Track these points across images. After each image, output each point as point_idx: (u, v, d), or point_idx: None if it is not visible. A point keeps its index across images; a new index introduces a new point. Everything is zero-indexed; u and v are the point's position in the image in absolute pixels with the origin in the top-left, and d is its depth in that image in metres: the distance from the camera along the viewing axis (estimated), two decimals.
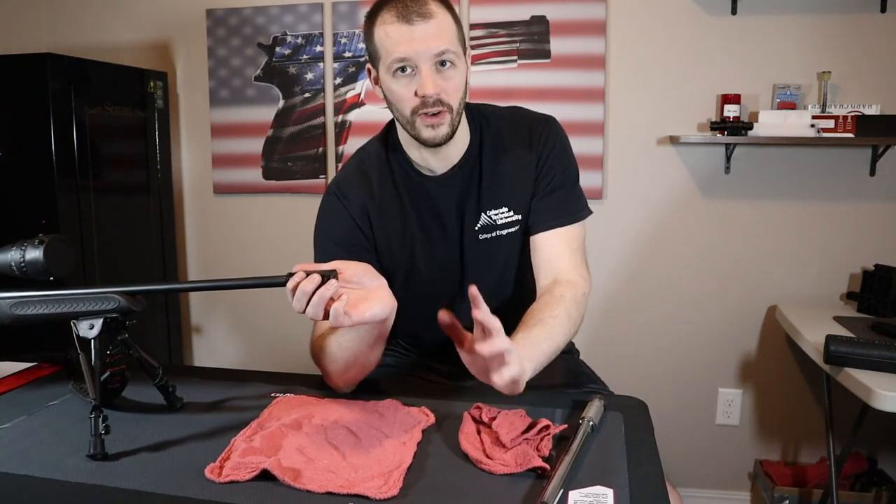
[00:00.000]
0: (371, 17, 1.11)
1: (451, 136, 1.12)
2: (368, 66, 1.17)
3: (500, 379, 0.89)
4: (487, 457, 0.89)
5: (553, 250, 1.19)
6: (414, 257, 1.23)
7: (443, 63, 1.07)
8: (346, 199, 1.22)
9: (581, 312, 1.15)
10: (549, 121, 1.25)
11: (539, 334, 1.04)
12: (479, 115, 1.24)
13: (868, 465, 2.20)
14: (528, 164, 1.21)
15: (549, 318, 1.07)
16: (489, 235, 1.22)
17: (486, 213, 1.21)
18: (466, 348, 0.90)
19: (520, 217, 1.22)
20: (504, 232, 1.22)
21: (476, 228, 1.21)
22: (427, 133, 1.11)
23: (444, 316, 0.88)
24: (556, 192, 1.21)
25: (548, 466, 0.85)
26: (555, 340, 1.06)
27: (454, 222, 1.22)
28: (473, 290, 0.87)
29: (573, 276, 1.17)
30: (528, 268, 1.26)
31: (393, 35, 1.06)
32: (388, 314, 0.98)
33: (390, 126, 1.26)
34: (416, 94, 1.08)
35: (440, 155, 1.18)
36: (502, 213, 1.21)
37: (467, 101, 1.25)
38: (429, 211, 1.22)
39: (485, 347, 0.87)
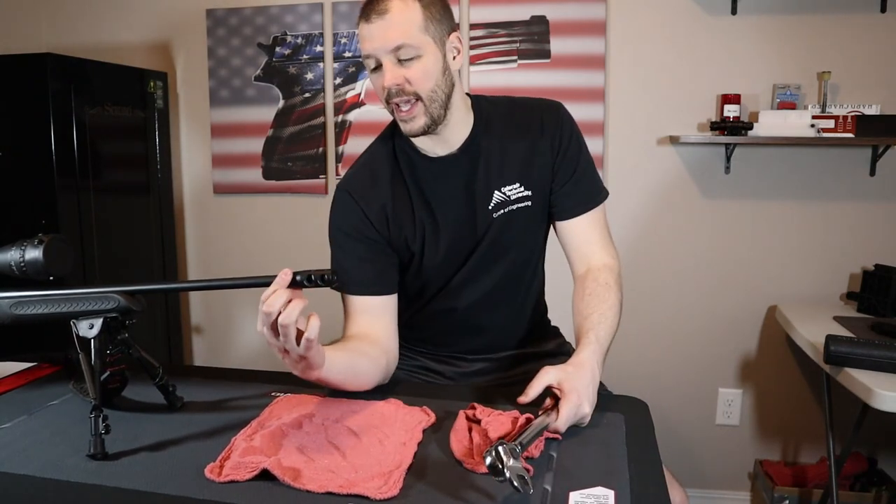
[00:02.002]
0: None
1: (432, 124, 1.15)
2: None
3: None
4: (472, 456, 0.89)
5: (583, 235, 1.26)
6: (424, 241, 1.25)
7: (404, 56, 1.10)
8: (358, 196, 1.23)
9: (622, 291, 1.23)
10: (558, 106, 1.28)
11: (604, 331, 1.13)
12: (485, 101, 1.27)
13: (868, 465, 2.20)
14: (541, 145, 1.24)
15: (608, 310, 1.16)
16: (504, 211, 1.24)
17: (499, 191, 1.23)
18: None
19: (530, 193, 1.24)
20: (515, 207, 1.24)
21: (490, 207, 1.23)
22: (403, 126, 1.16)
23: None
24: (581, 179, 1.25)
25: (530, 468, 0.85)
26: (614, 332, 1.16)
27: (463, 203, 1.23)
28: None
29: (607, 259, 1.25)
30: (540, 244, 1.32)
31: (361, 34, 1.13)
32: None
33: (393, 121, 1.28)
34: (384, 87, 1.13)
35: (440, 140, 1.21)
36: (515, 188, 1.24)
37: (474, 94, 1.28)
38: (434, 193, 1.24)
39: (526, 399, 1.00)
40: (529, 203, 1.24)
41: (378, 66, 1.12)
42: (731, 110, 2.12)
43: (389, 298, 1.24)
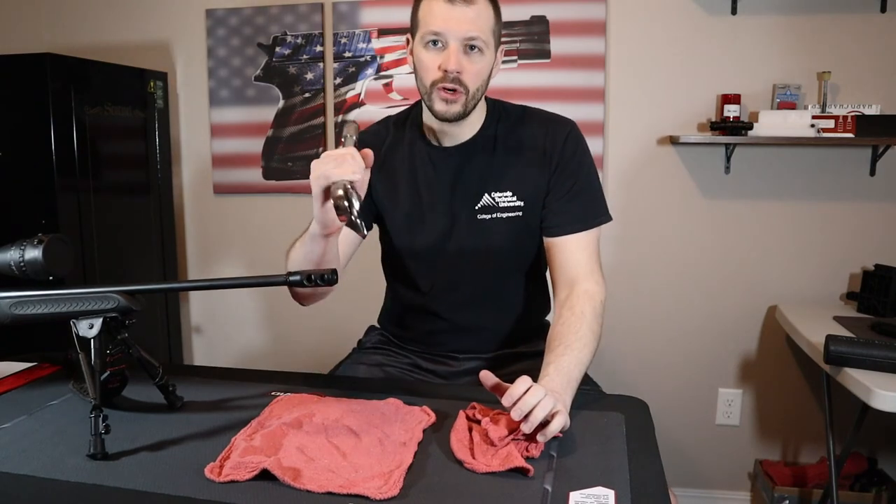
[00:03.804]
0: None
1: (462, 116, 1.19)
2: (408, 36, 1.23)
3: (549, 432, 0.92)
4: (473, 456, 0.89)
5: (570, 256, 1.23)
6: (408, 221, 1.28)
7: (472, 47, 1.14)
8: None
9: (601, 323, 1.19)
10: (570, 123, 1.28)
11: (569, 362, 1.08)
12: (501, 107, 1.30)
13: (868, 465, 2.20)
14: (541, 157, 1.24)
15: (575, 341, 1.11)
16: (488, 216, 1.25)
17: (489, 195, 1.25)
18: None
19: (522, 204, 1.24)
20: (504, 215, 1.25)
21: (476, 208, 1.25)
22: (440, 106, 1.17)
23: (486, 377, 0.98)
24: (578, 197, 1.24)
25: (530, 468, 0.85)
26: (583, 362, 1.10)
27: (450, 197, 1.26)
28: (485, 374, 0.98)
29: (590, 286, 1.21)
30: (531, 256, 1.31)
31: (434, 10, 1.14)
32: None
33: (415, 105, 1.32)
34: (439, 67, 1.15)
35: (452, 131, 1.24)
36: (506, 196, 1.24)
37: (496, 99, 1.31)
38: (426, 177, 1.27)
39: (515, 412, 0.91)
40: (521, 213, 1.24)
41: (436, 43, 1.15)
42: (731, 110, 2.12)
43: (353, 237, 1.25)
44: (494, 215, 1.25)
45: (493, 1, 1.17)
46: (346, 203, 0.92)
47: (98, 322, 0.96)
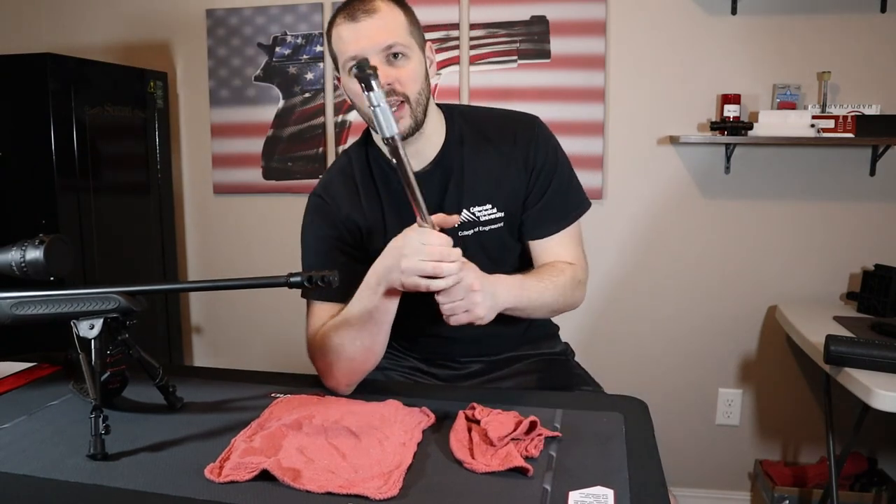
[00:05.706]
0: (329, 26, 1.14)
1: (414, 129, 1.13)
2: (336, 74, 1.19)
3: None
4: (472, 456, 0.89)
5: (552, 254, 1.23)
6: None
7: (394, 55, 1.09)
8: (333, 203, 1.22)
9: (575, 295, 1.21)
10: (534, 121, 1.25)
11: (531, 282, 1.13)
12: (458, 113, 1.25)
13: (868, 465, 2.20)
14: (514, 162, 1.21)
15: (548, 279, 1.16)
16: (470, 232, 1.22)
17: (468, 210, 1.21)
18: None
19: (502, 214, 1.22)
20: (486, 228, 1.22)
21: (456, 225, 1.20)
22: None
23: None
24: (554, 198, 1.22)
25: (529, 467, 0.85)
26: (542, 296, 1.14)
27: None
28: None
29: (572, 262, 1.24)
30: (519, 260, 1.29)
31: (343, 35, 1.10)
32: None
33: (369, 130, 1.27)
34: None
35: (414, 152, 1.18)
36: (486, 209, 1.21)
37: (447, 102, 1.27)
38: (407, 208, 1.22)
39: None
40: (502, 224, 1.22)
41: None
42: (731, 110, 2.12)
43: None
44: (477, 230, 1.21)
45: (398, 3, 1.12)
46: None
47: (99, 323, 0.96)
